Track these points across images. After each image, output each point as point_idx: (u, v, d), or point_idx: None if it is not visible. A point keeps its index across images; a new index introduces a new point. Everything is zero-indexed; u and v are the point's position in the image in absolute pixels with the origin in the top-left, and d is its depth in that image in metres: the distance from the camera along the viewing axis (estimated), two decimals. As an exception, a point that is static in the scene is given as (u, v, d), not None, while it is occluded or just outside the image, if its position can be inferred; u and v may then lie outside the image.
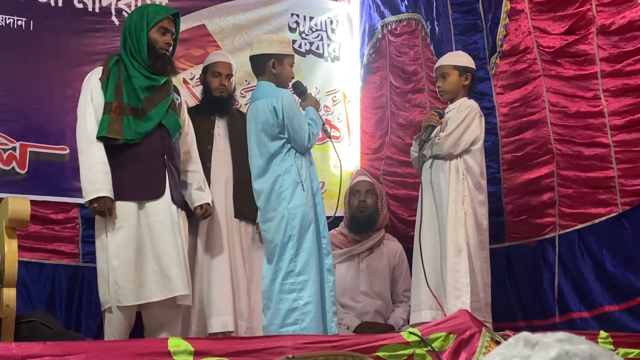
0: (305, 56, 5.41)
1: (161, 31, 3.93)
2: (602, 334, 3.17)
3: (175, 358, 2.47)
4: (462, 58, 4.33)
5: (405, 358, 2.78)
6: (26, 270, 4.27)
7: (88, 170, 3.77)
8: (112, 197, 3.74)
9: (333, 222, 4.60)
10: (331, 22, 5.55)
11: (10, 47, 4.50)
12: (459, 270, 3.95)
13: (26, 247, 4.26)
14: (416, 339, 2.82)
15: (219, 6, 5.15)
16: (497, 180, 4.63)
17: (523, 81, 4.51)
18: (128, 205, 3.78)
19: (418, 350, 2.80)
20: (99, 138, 3.78)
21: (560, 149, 4.32)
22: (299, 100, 4.13)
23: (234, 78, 4.56)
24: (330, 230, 4.43)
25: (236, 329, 4.23)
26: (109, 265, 3.73)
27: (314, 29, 5.47)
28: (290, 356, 2.56)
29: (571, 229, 4.26)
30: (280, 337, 2.90)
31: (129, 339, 3.73)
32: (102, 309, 3.83)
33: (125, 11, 4.72)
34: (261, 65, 4.00)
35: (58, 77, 4.56)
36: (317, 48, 5.47)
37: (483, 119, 4.24)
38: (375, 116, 5.50)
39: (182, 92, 4.86)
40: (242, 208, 4.37)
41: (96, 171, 3.74)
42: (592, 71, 4.12)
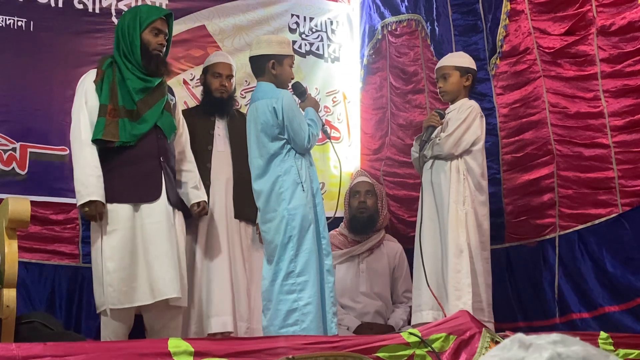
0: (305, 57, 5.41)
1: (154, 32, 3.92)
2: (602, 334, 3.17)
3: (175, 358, 2.47)
4: (464, 59, 4.33)
5: (405, 359, 2.78)
6: (26, 271, 4.28)
7: (81, 173, 3.76)
8: (104, 202, 3.73)
9: (333, 223, 4.60)
10: (331, 23, 5.55)
11: (10, 48, 4.50)
12: (460, 270, 3.95)
13: (26, 248, 4.26)
14: (416, 339, 2.82)
15: (219, 7, 5.15)
16: (497, 181, 4.62)
17: (523, 82, 4.51)
18: (124, 207, 3.77)
19: (418, 351, 2.80)
20: (95, 141, 3.77)
21: (560, 150, 4.31)
22: (299, 101, 4.13)
23: (234, 79, 4.56)
24: (330, 231, 4.44)
25: (235, 329, 4.23)
26: (104, 268, 3.72)
27: (314, 30, 5.47)
28: (290, 357, 2.56)
29: (571, 230, 4.26)
30: (280, 338, 2.90)
31: (129, 340, 3.73)
32: (98, 311, 3.83)
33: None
34: (261, 66, 4.00)
35: (58, 78, 4.56)
36: (317, 49, 5.47)
37: (484, 119, 4.24)
38: (376, 117, 5.50)
39: (183, 93, 4.88)
40: (242, 209, 4.37)
41: (88, 174, 3.73)
42: (592, 72, 4.12)
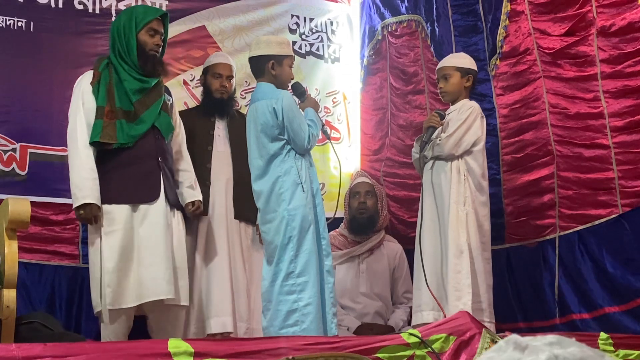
0: (305, 57, 5.41)
1: (150, 33, 3.91)
2: (602, 335, 3.17)
3: (175, 359, 2.47)
4: (464, 59, 4.33)
5: (405, 359, 2.78)
6: (26, 271, 4.28)
7: (76, 176, 3.75)
8: (99, 204, 3.72)
9: (333, 224, 4.60)
10: (331, 24, 5.55)
11: (10, 48, 4.50)
12: (460, 271, 3.95)
13: (26, 249, 4.26)
14: (416, 340, 2.82)
15: (219, 7, 5.15)
16: (497, 181, 4.62)
17: (523, 82, 4.51)
18: (122, 208, 3.76)
19: (418, 352, 2.80)
20: (93, 143, 3.76)
21: (561, 151, 4.31)
22: (299, 102, 4.13)
23: (234, 79, 4.56)
24: (330, 231, 4.44)
25: (235, 330, 4.23)
26: (103, 268, 3.71)
27: (314, 31, 5.47)
28: (290, 357, 2.56)
29: (571, 230, 4.26)
30: (280, 339, 2.90)
31: (129, 340, 3.73)
32: (95, 311, 3.82)
33: (126, 12, 4.72)
34: (260, 66, 4.00)
35: (58, 78, 4.56)
36: (317, 49, 5.47)
37: (484, 120, 4.23)
38: (376, 117, 5.50)
39: (183, 94, 4.88)
40: (242, 209, 4.37)
41: (84, 177, 3.72)
42: (592, 72, 4.12)
